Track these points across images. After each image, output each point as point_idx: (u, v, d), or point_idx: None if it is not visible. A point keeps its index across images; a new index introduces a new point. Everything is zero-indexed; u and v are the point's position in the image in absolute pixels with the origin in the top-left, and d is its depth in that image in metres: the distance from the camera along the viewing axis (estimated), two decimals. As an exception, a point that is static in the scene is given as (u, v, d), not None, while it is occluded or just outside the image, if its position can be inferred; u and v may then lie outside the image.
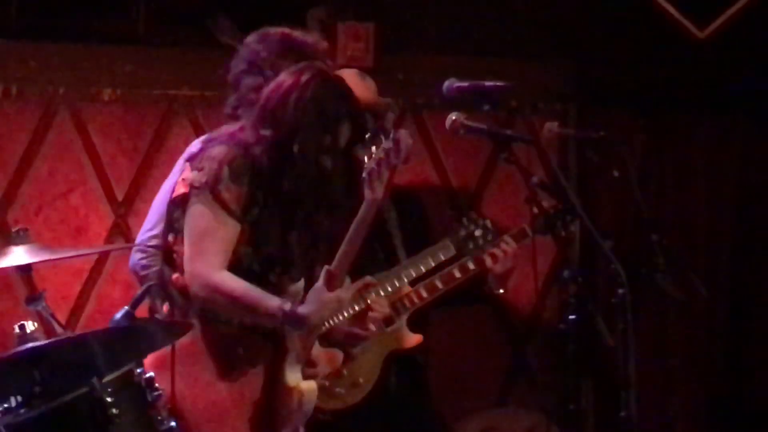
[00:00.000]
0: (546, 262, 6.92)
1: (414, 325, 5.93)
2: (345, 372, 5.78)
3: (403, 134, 4.65)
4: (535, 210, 5.58)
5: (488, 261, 5.88)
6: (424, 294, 5.89)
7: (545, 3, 7.67)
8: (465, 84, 5.37)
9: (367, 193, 4.62)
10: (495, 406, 7.58)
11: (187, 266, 4.60)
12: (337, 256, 4.67)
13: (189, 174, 4.69)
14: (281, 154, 4.67)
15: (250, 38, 5.19)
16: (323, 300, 4.62)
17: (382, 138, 4.60)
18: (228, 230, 4.60)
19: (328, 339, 5.49)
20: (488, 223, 5.90)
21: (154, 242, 5.10)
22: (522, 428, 7.23)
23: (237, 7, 5.52)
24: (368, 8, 7.55)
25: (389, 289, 5.70)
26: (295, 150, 4.66)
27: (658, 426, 6.61)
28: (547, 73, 7.62)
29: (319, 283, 4.63)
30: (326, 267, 4.66)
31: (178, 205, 4.72)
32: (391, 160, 4.61)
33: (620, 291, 5.10)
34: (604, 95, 7.67)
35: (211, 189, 4.59)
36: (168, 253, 4.78)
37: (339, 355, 5.62)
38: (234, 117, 5.07)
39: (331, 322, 5.22)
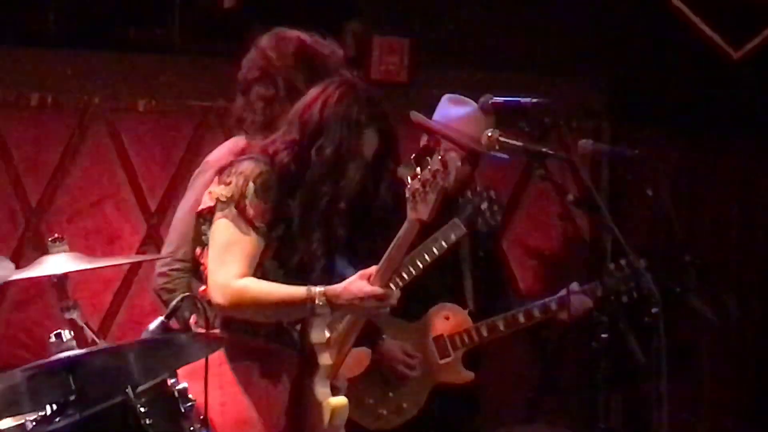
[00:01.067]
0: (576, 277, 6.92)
1: (468, 361, 5.91)
2: (391, 395, 5.79)
3: (452, 157, 4.61)
4: (613, 265, 5.59)
5: (560, 315, 5.85)
6: (485, 333, 5.87)
7: (579, 21, 7.67)
8: (500, 100, 5.38)
9: (410, 213, 4.55)
10: (523, 422, 7.58)
11: (210, 278, 4.59)
12: (383, 261, 4.59)
13: (216, 188, 4.69)
14: (305, 156, 4.66)
15: (264, 41, 5.13)
16: (357, 286, 4.55)
17: (428, 159, 4.55)
18: (252, 245, 4.58)
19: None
20: (493, 193, 5.85)
21: (177, 266, 5.06)
22: (551, 444, 7.27)
23: (273, 20, 5.52)
24: (404, 23, 7.57)
25: (405, 276, 5.62)
26: (316, 150, 4.65)
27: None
28: (581, 90, 7.63)
29: (358, 274, 4.59)
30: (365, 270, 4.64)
31: (205, 217, 4.71)
32: (438, 181, 4.56)
33: (653, 310, 5.10)
34: (638, 113, 7.67)
35: (236, 204, 4.59)
36: (196, 266, 4.79)
37: (366, 355, 5.63)
38: (240, 120, 5.08)
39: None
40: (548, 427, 7.44)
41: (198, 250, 4.77)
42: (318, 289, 4.53)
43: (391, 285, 5.07)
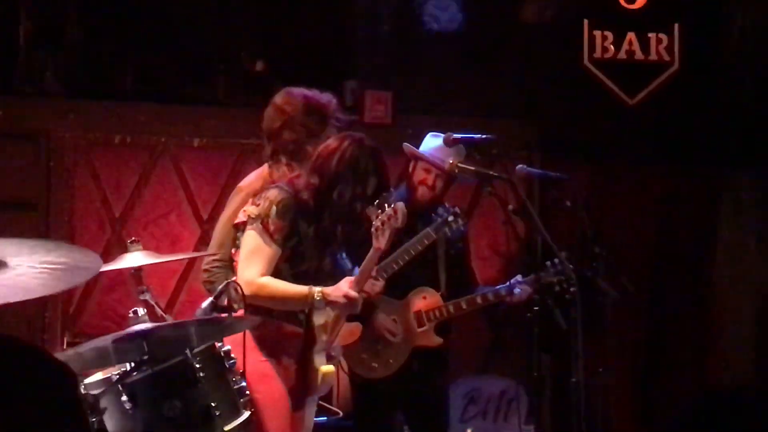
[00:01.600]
0: (518, 269, 6.90)
1: (440, 329, 5.90)
2: (381, 351, 5.77)
3: (400, 206, 4.63)
4: (549, 263, 5.57)
5: (507, 299, 5.83)
6: (452, 310, 5.84)
7: (516, 78, 7.68)
8: (459, 137, 5.37)
9: (374, 242, 4.60)
10: (478, 373, 7.57)
11: (239, 274, 4.61)
12: (355, 278, 4.64)
13: (249, 207, 4.68)
14: (324, 198, 4.67)
15: (278, 98, 5.05)
16: (342, 289, 4.58)
17: (385, 206, 4.58)
18: (270, 252, 4.59)
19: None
20: (458, 210, 5.81)
21: (216, 264, 5.01)
22: (498, 390, 7.23)
23: (290, 80, 5.53)
24: (387, 80, 7.57)
25: (388, 271, 5.59)
26: (335, 196, 4.66)
27: (597, 387, 6.59)
28: (518, 128, 7.62)
29: (343, 281, 4.62)
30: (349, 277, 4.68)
31: (239, 228, 4.72)
32: (392, 223, 4.58)
33: (572, 289, 5.10)
34: (559, 146, 7.67)
35: (261, 221, 4.60)
36: (231, 263, 4.83)
37: (357, 328, 5.61)
38: (275, 161, 5.00)
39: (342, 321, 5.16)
40: (497, 377, 7.41)
41: (233, 251, 4.80)
42: (316, 288, 4.57)
43: (379, 278, 5.15)
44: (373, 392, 5.76)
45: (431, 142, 5.80)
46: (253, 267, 4.58)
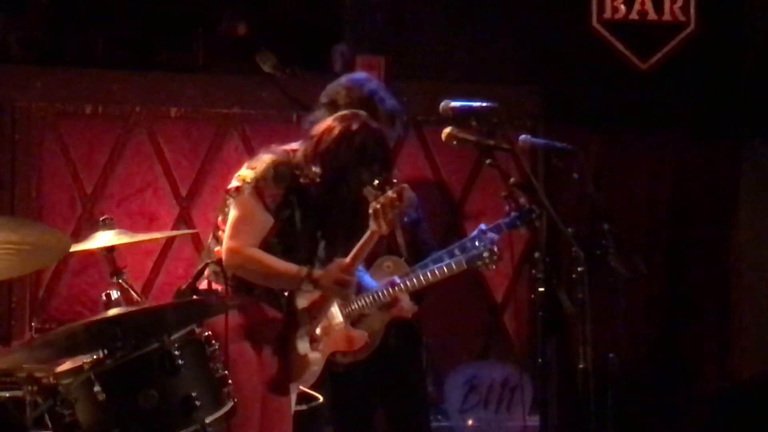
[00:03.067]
0: (519, 246, 6.91)
1: (413, 298, 5.91)
2: (355, 329, 5.78)
3: (405, 189, 4.64)
4: (508, 207, 5.57)
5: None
6: (423, 280, 5.86)
7: (519, 40, 7.66)
8: (457, 104, 5.36)
9: (372, 225, 4.61)
10: (478, 360, 7.59)
11: (225, 243, 4.58)
12: (350, 256, 4.65)
13: (243, 170, 4.66)
14: (330, 187, 4.66)
15: (344, 79, 5.20)
16: (333, 273, 4.60)
17: (386, 188, 4.59)
18: (262, 220, 4.57)
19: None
20: (495, 248, 5.83)
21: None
22: (500, 377, 7.25)
23: (277, 43, 5.52)
24: (380, 44, 7.55)
25: (415, 284, 5.66)
26: (345, 188, 4.65)
27: (606, 375, 6.60)
28: (522, 96, 7.60)
29: (335, 264, 4.62)
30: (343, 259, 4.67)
31: (230, 194, 4.68)
32: (395, 206, 4.59)
33: (579, 269, 5.10)
34: (566, 114, 7.67)
35: (255, 185, 4.57)
36: (216, 231, 4.76)
37: (360, 338, 5.60)
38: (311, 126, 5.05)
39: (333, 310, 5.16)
40: (498, 363, 7.43)
41: (220, 219, 4.74)
42: (306, 269, 4.56)
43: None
44: (350, 382, 5.76)
45: None
46: (242, 235, 4.55)
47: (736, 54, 7.87)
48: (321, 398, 5.39)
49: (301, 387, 5.00)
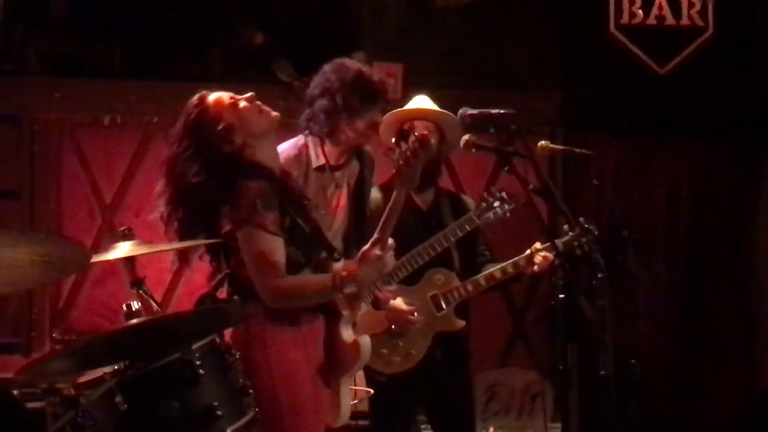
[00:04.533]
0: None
1: (459, 312, 5.92)
2: (400, 344, 5.78)
3: (426, 133, 4.65)
4: (567, 227, 5.60)
5: (528, 269, 5.85)
6: (470, 288, 5.87)
7: (537, 47, 7.67)
8: (475, 112, 5.36)
9: (397, 184, 4.59)
10: (498, 366, 7.58)
11: (257, 287, 4.43)
12: (379, 226, 4.55)
13: (229, 212, 4.46)
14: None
15: (328, 67, 5.15)
16: (366, 257, 4.50)
17: (409, 137, 4.60)
18: (276, 246, 4.42)
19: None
20: (504, 194, 5.86)
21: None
22: (521, 384, 7.24)
23: (294, 52, 5.51)
24: (397, 52, 7.57)
25: (431, 252, 5.68)
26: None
27: (628, 382, 6.60)
28: (540, 102, 7.62)
29: (366, 246, 4.54)
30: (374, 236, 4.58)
31: (227, 240, 4.51)
32: (418, 155, 4.57)
33: (599, 275, 5.10)
34: (585, 120, 7.67)
35: (250, 221, 4.42)
36: (232, 277, 4.57)
37: (383, 316, 5.61)
38: (307, 128, 5.13)
39: (374, 287, 5.12)
40: (519, 370, 7.43)
41: (233, 263, 4.58)
42: (339, 268, 4.50)
43: (419, 261, 5.11)
44: (392, 391, 5.76)
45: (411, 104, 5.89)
46: (268, 272, 4.42)
47: (754, 58, 7.86)
48: (371, 390, 5.35)
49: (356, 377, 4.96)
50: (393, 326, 5.71)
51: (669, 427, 7.69)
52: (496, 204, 5.82)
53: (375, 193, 5.58)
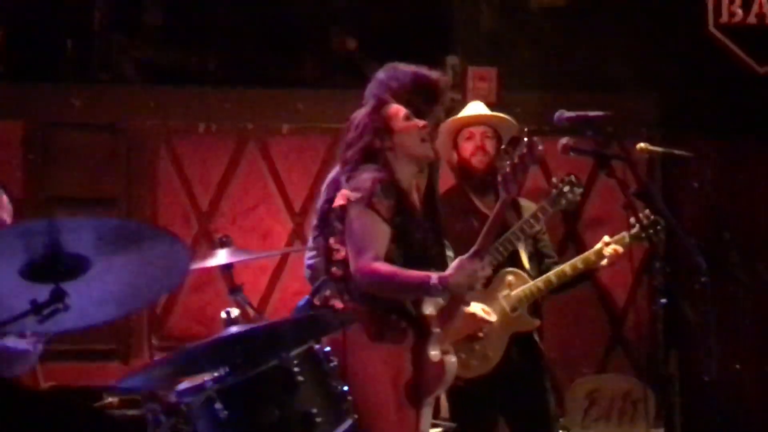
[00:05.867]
0: (638, 255, 6.82)
1: (532, 312, 5.90)
2: (477, 347, 5.77)
3: (536, 140, 4.63)
4: (633, 220, 5.54)
5: (597, 264, 5.81)
6: (542, 287, 5.85)
7: (634, 48, 7.60)
8: (572, 115, 5.32)
9: (502, 194, 4.60)
10: (598, 372, 7.52)
11: (352, 264, 4.51)
12: (480, 238, 4.57)
13: (346, 191, 4.62)
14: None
15: (381, 73, 5.02)
16: (463, 266, 4.51)
17: (514, 149, 4.60)
18: (381, 232, 4.52)
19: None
20: (573, 178, 5.82)
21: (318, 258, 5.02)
22: (621, 390, 7.16)
23: (386, 58, 5.50)
24: (491, 55, 7.54)
25: (508, 248, 5.67)
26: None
27: (732, 388, 6.51)
28: (638, 104, 7.55)
29: (465, 255, 4.55)
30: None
31: (337, 214, 4.65)
32: (526, 162, 4.57)
33: (702, 279, 5.03)
34: (683, 121, 7.58)
35: (366, 201, 4.54)
36: (329, 252, 4.70)
37: (477, 312, 5.59)
38: None
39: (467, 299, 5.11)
40: (619, 376, 7.36)
41: (332, 240, 4.69)
42: (434, 274, 4.51)
43: (493, 261, 5.13)
44: (471, 396, 5.75)
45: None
46: (367, 252, 4.49)
47: None
48: (454, 424, 5.36)
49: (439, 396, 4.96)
50: (475, 332, 5.69)
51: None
52: (566, 189, 5.79)
53: None
